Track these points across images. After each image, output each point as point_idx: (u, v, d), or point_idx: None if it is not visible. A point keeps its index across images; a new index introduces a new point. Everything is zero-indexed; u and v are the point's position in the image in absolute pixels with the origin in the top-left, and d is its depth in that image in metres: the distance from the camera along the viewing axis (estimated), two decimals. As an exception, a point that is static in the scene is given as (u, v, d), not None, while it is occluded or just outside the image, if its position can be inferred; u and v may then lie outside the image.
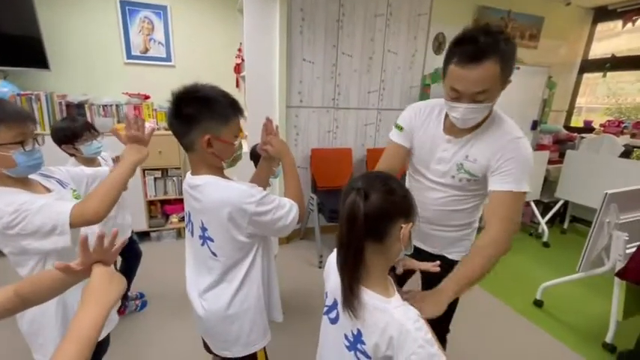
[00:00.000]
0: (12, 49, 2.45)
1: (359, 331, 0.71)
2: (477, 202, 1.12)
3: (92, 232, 1.02)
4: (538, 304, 2.28)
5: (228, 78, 3.06)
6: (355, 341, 0.72)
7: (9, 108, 0.88)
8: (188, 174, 0.98)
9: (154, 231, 3.02)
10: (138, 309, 2.06)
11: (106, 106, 2.74)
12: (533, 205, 3.26)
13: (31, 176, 0.97)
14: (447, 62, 0.91)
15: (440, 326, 1.07)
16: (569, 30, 3.73)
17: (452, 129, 1.05)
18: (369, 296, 0.70)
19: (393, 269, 0.87)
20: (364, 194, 0.66)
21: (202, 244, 0.98)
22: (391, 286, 0.75)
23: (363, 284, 0.71)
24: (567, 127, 4.08)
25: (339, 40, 2.77)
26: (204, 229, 0.96)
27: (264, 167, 1.16)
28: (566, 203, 3.39)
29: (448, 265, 0.94)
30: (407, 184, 1.23)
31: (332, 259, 0.83)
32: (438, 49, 3.15)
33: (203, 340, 1.16)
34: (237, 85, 3.12)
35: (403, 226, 0.68)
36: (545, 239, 3.20)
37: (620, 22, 3.52)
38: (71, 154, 1.59)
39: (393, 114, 3.17)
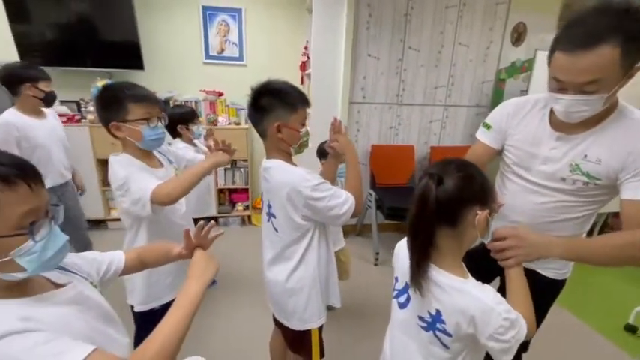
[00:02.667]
0: (117, 54, 2.87)
1: (438, 311, 0.73)
2: (590, 212, 0.96)
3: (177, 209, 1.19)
4: (631, 329, 1.98)
5: (293, 75, 3.19)
6: (434, 321, 0.74)
7: (142, 91, 1.09)
8: (264, 159, 1.11)
9: (222, 217, 3.28)
10: (209, 285, 2.28)
11: (186, 101, 3.05)
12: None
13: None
14: (552, 49, 0.81)
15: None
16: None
17: (562, 124, 0.90)
18: (444, 277, 0.73)
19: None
20: (438, 179, 0.68)
21: (268, 220, 1.12)
22: (465, 269, 0.77)
23: (438, 266, 0.74)
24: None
25: (407, 34, 2.70)
26: (269, 207, 1.10)
27: (331, 164, 1.24)
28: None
29: (540, 283, 0.86)
30: (497, 187, 1.14)
31: (402, 243, 0.86)
32: (517, 41, 2.88)
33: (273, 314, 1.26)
34: (302, 82, 3.23)
35: (479, 212, 0.69)
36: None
37: None
38: (179, 135, 1.91)
39: (461, 111, 3.00)
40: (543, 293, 0.83)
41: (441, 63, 2.83)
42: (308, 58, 3.06)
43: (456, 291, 0.70)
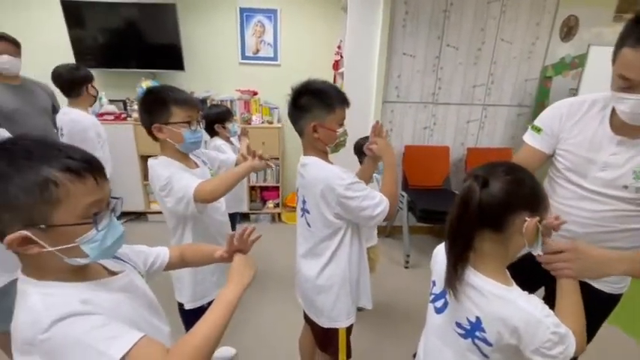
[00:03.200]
0: (160, 56, 3.03)
1: (477, 319, 0.70)
2: None
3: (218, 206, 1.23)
4: (696, 355, 1.77)
5: (326, 75, 3.19)
6: (473, 329, 0.71)
7: (185, 95, 1.13)
8: (301, 155, 1.13)
9: (253, 213, 3.36)
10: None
11: (222, 101, 3.16)
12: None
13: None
14: (619, 45, 0.76)
15: None
16: None
17: (625, 127, 0.85)
18: (485, 283, 0.69)
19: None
20: (483, 181, 0.65)
21: (302, 216, 1.14)
22: (509, 277, 0.73)
23: (479, 271, 0.71)
24: None
25: (445, 31, 2.61)
26: (304, 202, 1.11)
27: (368, 164, 1.24)
28: None
29: (594, 297, 0.80)
30: (549, 192, 1.07)
31: (441, 247, 0.84)
32: (566, 35, 2.69)
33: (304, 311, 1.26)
34: (335, 81, 3.22)
35: (527, 219, 0.65)
36: None
37: None
38: (216, 133, 2.00)
39: (502, 110, 2.85)
40: (596, 308, 0.76)
41: (480, 60, 2.70)
42: (341, 57, 3.05)
43: (498, 298, 0.67)
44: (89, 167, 0.54)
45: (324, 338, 1.18)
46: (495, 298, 0.67)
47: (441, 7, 2.55)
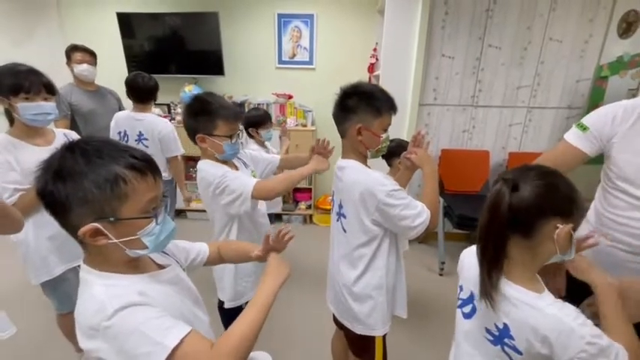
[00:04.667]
0: (202, 62, 3.19)
1: (505, 326, 0.68)
2: None
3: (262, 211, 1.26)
4: None
5: (361, 78, 3.16)
6: (501, 335, 0.69)
7: (231, 109, 1.15)
8: (339, 158, 1.12)
9: (286, 214, 3.43)
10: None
11: (259, 104, 3.25)
12: None
13: None
14: None
15: None
16: None
17: None
18: (514, 290, 0.67)
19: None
20: (513, 185, 0.64)
21: (337, 220, 1.13)
22: (540, 284, 0.70)
23: (508, 277, 0.69)
24: None
25: (487, 31, 2.50)
26: (340, 207, 1.10)
27: (404, 174, 1.22)
28: None
29: None
30: (597, 204, 1.03)
31: (467, 251, 0.83)
32: (625, 32, 2.48)
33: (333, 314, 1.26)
34: (369, 84, 3.21)
35: (559, 226, 0.62)
36: None
37: None
38: (251, 137, 2.05)
39: (549, 113, 2.68)
40: None
41: (525, 61, 2.56)
42: (377, 59, 3.03)
43: (527, 306, 0.64)
44: (149, 166, 0.58)
45: (358, 344, 1.18)
46: (524, 305, 0.65)
47: (484, 7, 2.45)
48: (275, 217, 3.42)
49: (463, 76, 2.62)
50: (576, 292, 0.81)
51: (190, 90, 3.11)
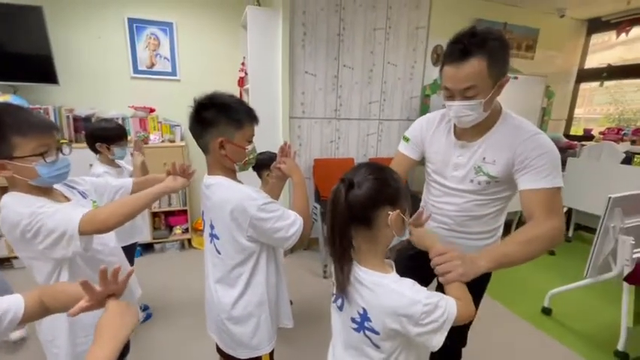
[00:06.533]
0: (22, 66, 2.52)
1: (364, 310, 0.74)
2: (500, 207, 1.09)
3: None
4: (546, 311, 2.25)
5: (231, 91, 3.10)
6: (362, 320, 0.75)
7: (31, 117, 0.87)
8: (205, 175, 1.05)
9: (158, 242, 3.02)
10: (142, 320, 2.04)
11: (112, 119, 2.79)
12: (536, 212, 3.25)
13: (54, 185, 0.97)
14: (442, 64, 0.96)
15: (455, 338, 1.04)
16: (564, 41, 3.82)
17: (464, 134, 1.06)
18: (366, 274, 0.75)
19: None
20: (348, 183, 0.72)
21: (210, 242, 1.05)
22: (390, 267, 0.79)
23: (362, 265, 0.76)
24: (567, 135, 4.11)
25: (340, 53, 2.85)
26: (212, 227, 1.03)
27: (276, 185, 1.23)
28: (569, 211, 3.39)
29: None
30: (424, 195, 1.26)
31: None
32: (436, 61, 3.22)
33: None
34: (240, 98, 3.18)
35: (390, 213, 0.72)
36: (550, 247, 3.17)
37: (614, 33, 3.59)
38: (98, 152, 1.69)
39: (394, 124, 3.21)
40: (476, 281, 0.89)
41: (373, 80, 3.02)
42: (246, 73, 3.04)
43: (377, 286, 0.73)
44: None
45: None
46: (374, 285, 0.73)
47: (335, 31, 2.78)
48: (144, 248, 2.97)
49: (325, 92, 2.89)
50: (430, 273, 0.90)
51: (7, 100, 2.41)
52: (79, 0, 2.67)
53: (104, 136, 1.66)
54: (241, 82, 3.13)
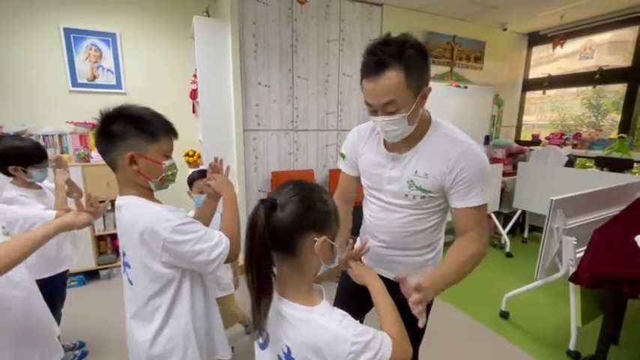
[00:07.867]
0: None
1: (288, 349, 0.65)
2: (437, 221, 1.03)
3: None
4: (504, 315, 2.27)
5: (184, 104, 2.99)
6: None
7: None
8: (117, 195, 0.93)
9: (104, 268, 2.77)
10: (75, 360, 1.82)
11: (46, 136, 2.57)
12: (494, 216, 3.35)
13: None
14: (361, 78, 0.88)
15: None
16: (508, 52, 4.05)
17: (394, 146, 0.97)
18: (290, 308, 0.66)
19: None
20: (270, 204, 0.63)
21: (124, 270, 0.94)
22: (318, 295, 0.70)
23: (284, 296, 0.68)
24: (518, 140, 4.33)
25: (294, 64, 2.81)
26: (124, 254, 0.92)
27: (208, 204, 1.14)
28: (524, 213, 3.53)
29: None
30: (364, 208, 1.17)
31: None
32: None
33: None
34: (194, 111, 3.05)
35: (316, 239, 0.64)
36: (507, 250, 3.27)
37: (551, 46, 3.87)
38: (11, 175, 1.48)
39: (352, 134, 3.21)
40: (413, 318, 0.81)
41: (329, 91, 3.01)
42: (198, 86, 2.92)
43: (301, 322, 0.64)
44: None
45: None
46: (299, 322, 0.65)
47: (288, 43, 2.75)
48: (88, 276, 2.72)
49: (281, 103, 2.83)
50: (364, 302, 0.87)
51: None
52: (9, 8, 2.45)
53: (17, 155, 1.44)
54: (193, 94, 3.00)
